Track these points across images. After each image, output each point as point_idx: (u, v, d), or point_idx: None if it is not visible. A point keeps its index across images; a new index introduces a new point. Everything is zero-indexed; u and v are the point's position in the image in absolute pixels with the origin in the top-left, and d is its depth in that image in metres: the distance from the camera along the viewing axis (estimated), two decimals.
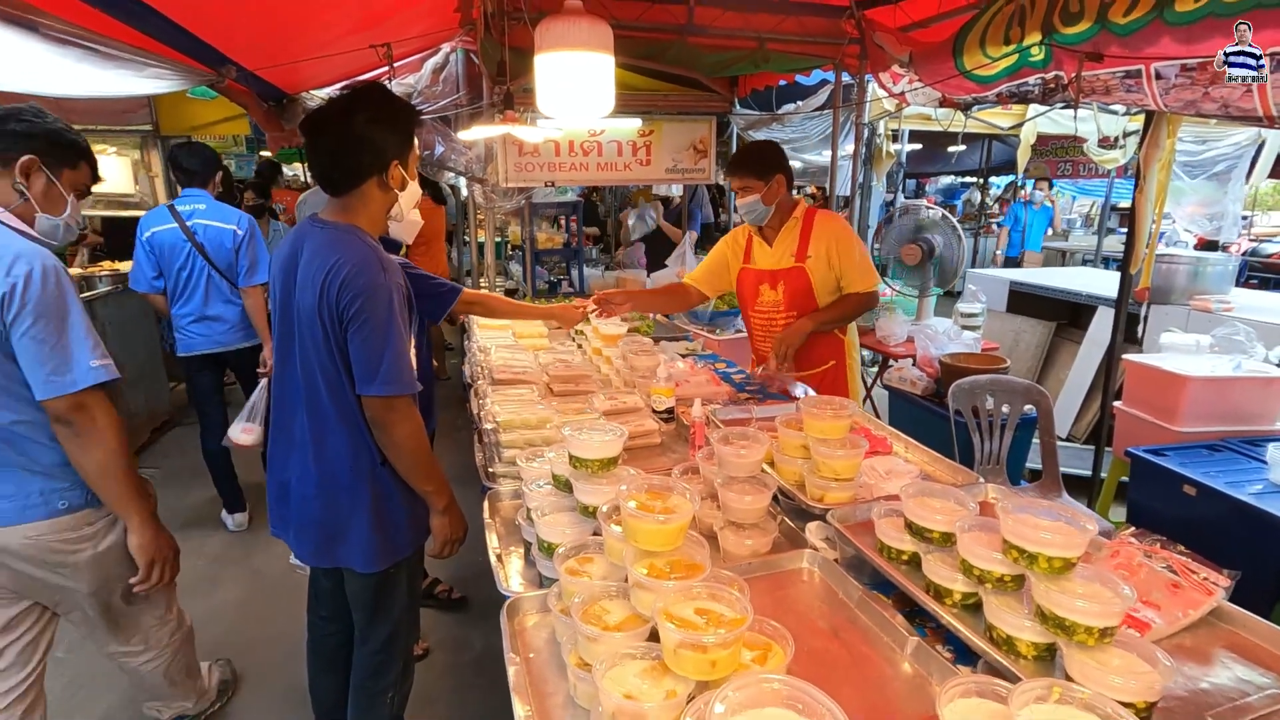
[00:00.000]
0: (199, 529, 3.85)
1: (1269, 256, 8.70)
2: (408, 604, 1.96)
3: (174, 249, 3.45)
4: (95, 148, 5.66)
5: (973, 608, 1.25)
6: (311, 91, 4.15)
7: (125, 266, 5.35)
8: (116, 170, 5.58)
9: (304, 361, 1.71)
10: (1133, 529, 1.43)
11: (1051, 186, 10.91)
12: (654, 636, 1.09)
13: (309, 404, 1.73)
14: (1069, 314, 5.21)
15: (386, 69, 3.67)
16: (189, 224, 3.42)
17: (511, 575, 1.56)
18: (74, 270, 4.99)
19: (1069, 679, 1.02)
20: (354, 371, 1.66)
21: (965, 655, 1.22)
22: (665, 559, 1.21)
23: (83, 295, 4.49)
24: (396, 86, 3.94)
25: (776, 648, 1.06)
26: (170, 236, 3.43)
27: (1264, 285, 8.00)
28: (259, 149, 8.26)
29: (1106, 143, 5.82)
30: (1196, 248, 7.94)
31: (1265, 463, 2.54)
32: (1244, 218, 9.52)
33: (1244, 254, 8.41)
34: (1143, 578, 1.28)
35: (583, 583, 1.24)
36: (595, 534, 1.44)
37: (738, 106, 5.40)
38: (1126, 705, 0.92)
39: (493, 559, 1.57)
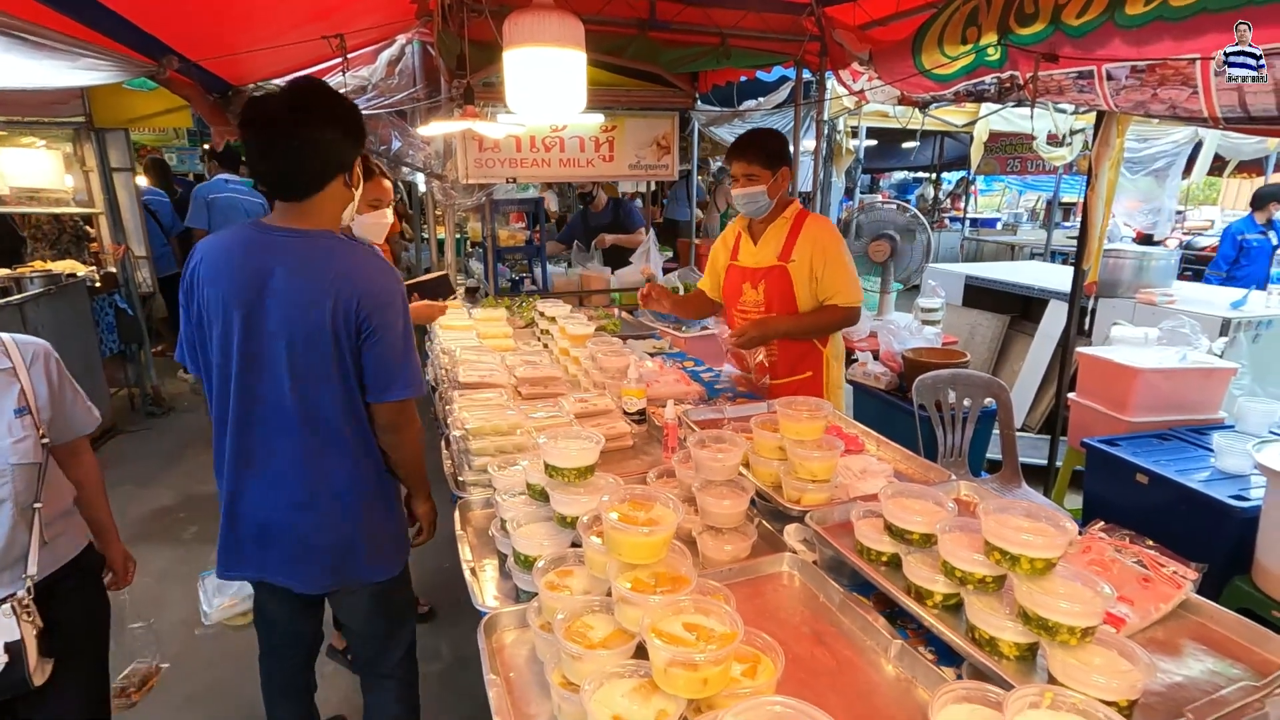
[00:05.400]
0: (144, 544, 3.67)
1: (1202, 249, 9.13)
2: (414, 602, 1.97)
3: None
4: (22, 141, 5.33)
5: (954, 608, 1.26)
6: (259, 83, 3.98)
7: (57, 267, 5.07)
8: (46, 165, 5.26)
9: (299, 383, 1.58)
10: (1102, 523, 1.46)
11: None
12: (640, 652, 1.06)
13: (305, 427, 1.61)
14: (1021, 307, 5.37)
15: (339, 61, 3.53)
16: None
17: (486, 588, 1.51)
18: (2, 271, 4.69)
19: (1052, 678, 1.03)
20: (369, 380, 1.62)
21: (947, 656, 1.23)
22: (650, 571, 1.18)
23: (11, 298, 4.22)
24: (350, 79, 3.81)
25: (766, 660, 1.04)
26: None
27: (1197, 277, 8.38)
28: (202, 142, 7.92)
29: (1054, 140, 6.01)
30: (1135, 241, 8.29)
31: (1211, 450, 2.65)
32: (1178, 212, 9.97)
33: (1179, 246, 8.81)
34: (1115, 573, 1.31)
35: (564, 598, 1.21)
36: (574, 544, 1.40)
37: (699, 102, 5.39)
38: (1109, 704, 0.94)
39: (466, 573, 1.52)
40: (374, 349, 1.59)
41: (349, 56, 3.56)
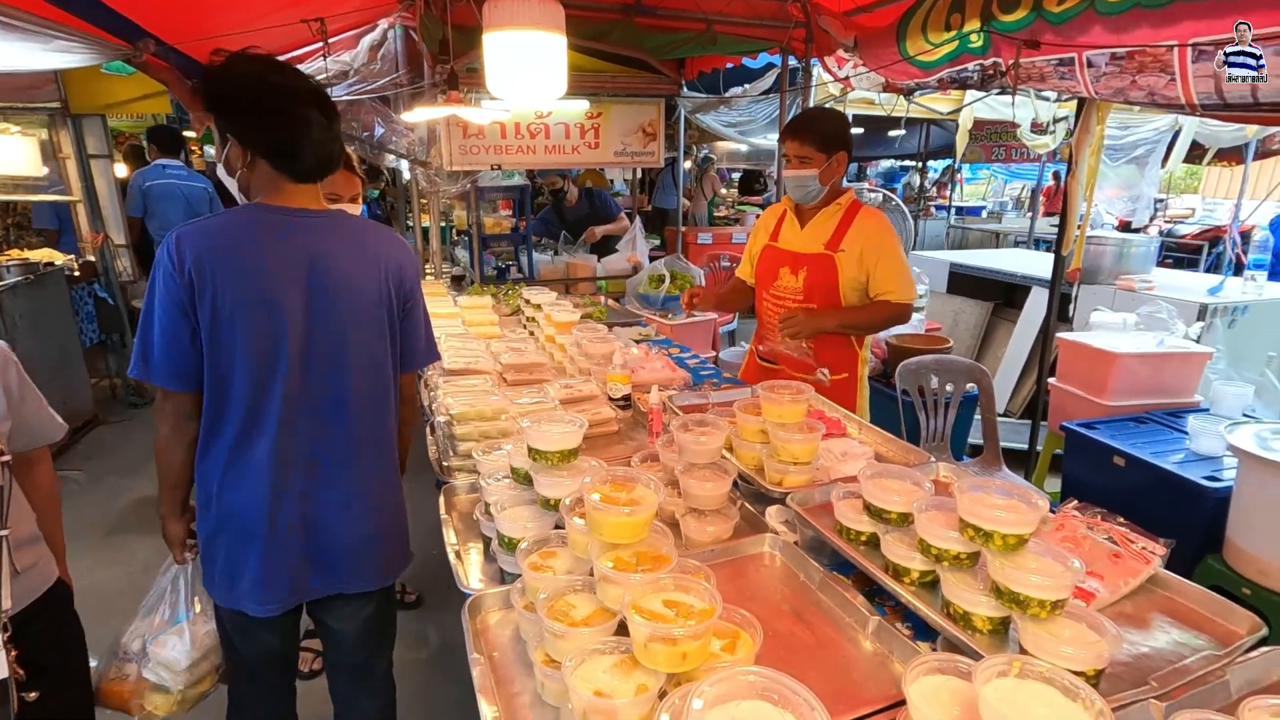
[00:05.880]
0: (127, 535, 3.65)
1: (1182, 237, 9.25)
2: None
3: None
4: None
5: (930, 585, 1.29)
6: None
7: (34, 255, 4.99)
8: (21, 151, 5.16)
9: (362, 365, 1.55)
10: (1075, 502, 1.49)
11: None
12: (621, 630, 1.07)
13: (366, 411, 1.57)
14: (1004, 294, 5.42)
15: (320, 45, 3.49)
16: None
17: (471, 572, 1.53)
18: None
19: (1023, 650, 1.06)
20: (406, 352, 1.67)
21: (924, 631, 1.26)
22: (631, 551, 1.19)
23: None
24: (332, 64, 3.76)
25: (745, 635, 1.06)
26: None
27: (1178, 264, 8.50)
28: (182, 128, 7.79)
29: (1038, 128, 6.05)
30: (1117, 229, 8.37)
31: (1186, 433, 2.70)
32: (1159, 200, 10.08)
33: (1160, 234, 8.92)
34: (1086, 549, 1.34)
35: (547, 578, 1.22)
36: (557, 527, 1.41)
37: (685, 89, 5.37)
38: (1077, 673, 0.96)
39: (451, 556, 1.53)
40: (412, 319, 1.66)
41: (330, 41, 3.52)
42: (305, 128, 1.44)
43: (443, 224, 6.46)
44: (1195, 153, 7.24)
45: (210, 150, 10.18)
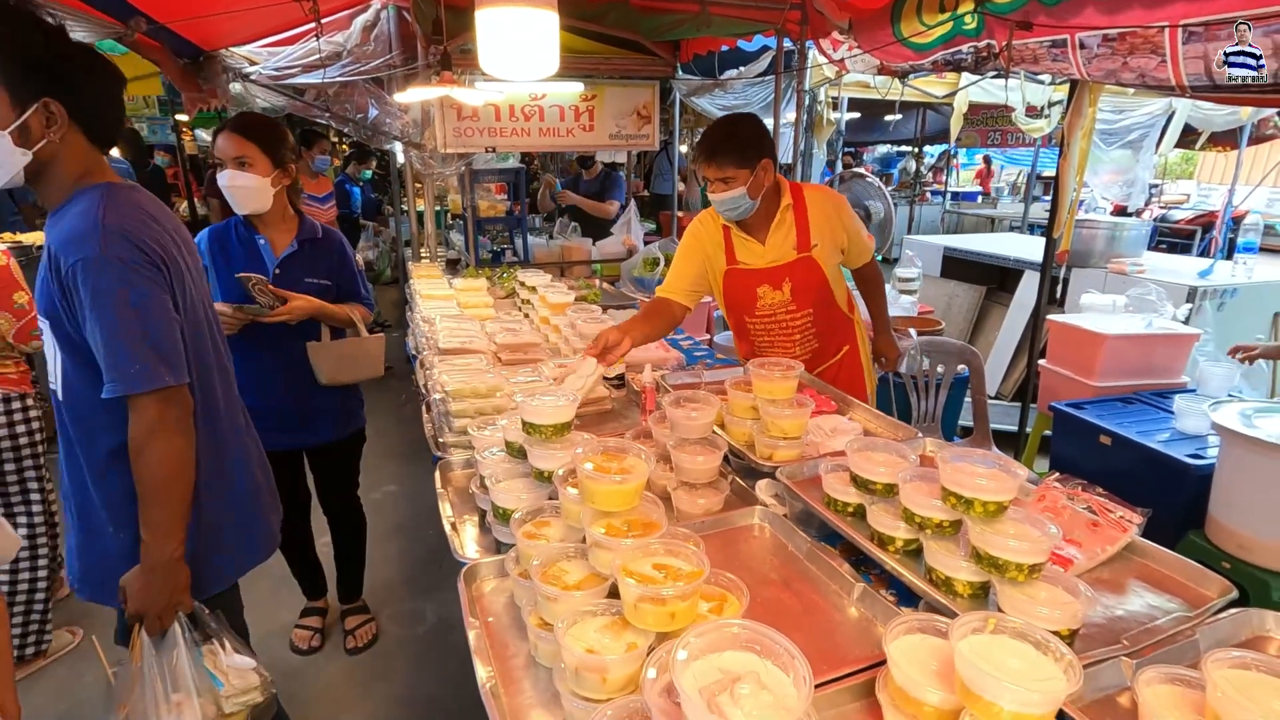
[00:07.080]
0: None
1: (1176, 222, 9.29)
2: None
3: None
4: None
5: (914, 553, 1.32)
6: (231, 49, 3.89)
7: (28, 239, 4.97)
8: None
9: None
10: (1056, 475, 1.53)
11: None
12: (613, 594, 1.11)
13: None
14: (998, 278, 5.46)
15: (313, 26, 3.46)
16: None
17: (467, 543, 1.56)
18: None
19: (1001, 612, 1.10)
20: None
21: (907, 597, 1.29)
22: (622, 519, 1.22)
23: None
24: (325, 45, 3.74)
25: (732, 598, 1.09)
26: None
27: (1172, 249, 8.55)
28: (173, 111, 7.73)
29: (1033, 112, 6.04)
30: (1113, 214, 8.40)
31: (1172, 413, 2.74)
32: (1153, 186, 10.10)
33: (1154, 219, 8.96)
34: (1066, 518, 1.38)
35: (540, 545, 1.25)
36: (550, 498, 1.44)
37: (680, 71, 5.35)
38: (1053, 633, 1.00)
39: (447, 527, 1.57)
40: None
41: (323, 21, 3.49)
42: (113, 92, 1.35)
43: (437, 208, 6.44)
44: (1189, 137, 7.24)
45: (203, 134, 10.02)
